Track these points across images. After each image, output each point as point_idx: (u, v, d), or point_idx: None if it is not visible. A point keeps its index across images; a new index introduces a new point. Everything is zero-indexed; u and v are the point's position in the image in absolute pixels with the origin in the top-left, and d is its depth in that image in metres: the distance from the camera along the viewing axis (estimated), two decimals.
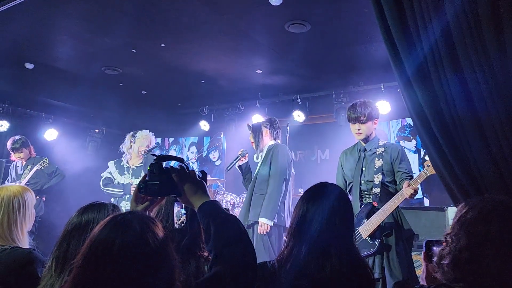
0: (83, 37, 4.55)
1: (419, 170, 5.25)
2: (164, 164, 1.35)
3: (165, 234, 1.13)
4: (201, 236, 1.64)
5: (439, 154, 1.62)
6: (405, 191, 2.79)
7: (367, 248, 2.90)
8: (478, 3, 1.47)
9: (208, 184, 1.63)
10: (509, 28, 1.42)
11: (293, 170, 4.82)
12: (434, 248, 1.32)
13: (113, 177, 4.61)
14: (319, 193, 1.61)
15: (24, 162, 5.53)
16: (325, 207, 1.55)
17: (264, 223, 3.60)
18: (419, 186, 2.82)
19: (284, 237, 4.30)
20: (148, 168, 1.32)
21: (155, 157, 1.34)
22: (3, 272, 1.71)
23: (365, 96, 5.80)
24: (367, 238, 2.91)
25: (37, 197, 5.49)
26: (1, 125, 6.13)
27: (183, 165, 1.35)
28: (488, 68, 1.46)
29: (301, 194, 1.69)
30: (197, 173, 1.38)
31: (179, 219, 1.39)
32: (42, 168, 5.37)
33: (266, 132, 4.04)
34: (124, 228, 1.07)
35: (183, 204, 1.38)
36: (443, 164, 1.63)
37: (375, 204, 2.96)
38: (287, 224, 3.72)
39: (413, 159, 5.51)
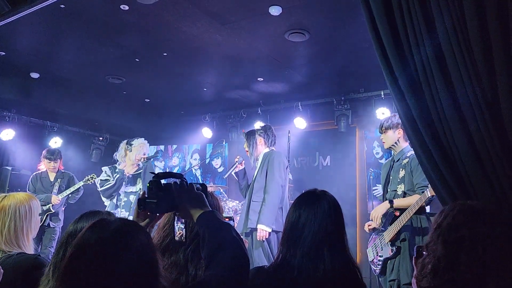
0: (87, 46, 4.64)
1: None
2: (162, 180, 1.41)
3: (148, 239, 1.16)
4: None
5: (429, 161, 1.69)
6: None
7: (387, 251, 3.12)
8: (467, 21, 1.53)
9: (211, 191, 1.69)
10: (497, 45, 1.49)
11: (290, 176, 4.86)
12: (424, 253, 1.35)
13: (110, 180, 4.62)
14: (310, 199, 1.67)
15: (54, 175, 5.57)
16: (317, 212, 1.61)
17: (262, 230, 3.66)
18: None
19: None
20: (148, 185, 1.38)
21: (153, 175, 1.39)
22: (10, 277, 1.76)
23: (365, 103, 5.89)
24: (388, 243, 3.12)
25: (64, 208, 5.58)
26: (7, 134, 6.22)
27: (182, 180, 1.41)
28: (477, 82, 1.53)
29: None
30: (196, 186, 1.43)
31: (179, 233, 1.45)
32: (90, 183, 5.46)
33: (260, 140, 4.09)
34: (100, 229, 1.11)
35: (183, 219, 1.43)
36: (432, 170, 1.69)
37: (396, 213, 3.11)
38: None
39: None
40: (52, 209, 5.30)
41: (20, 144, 6.61)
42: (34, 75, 5.47)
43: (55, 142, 6.74)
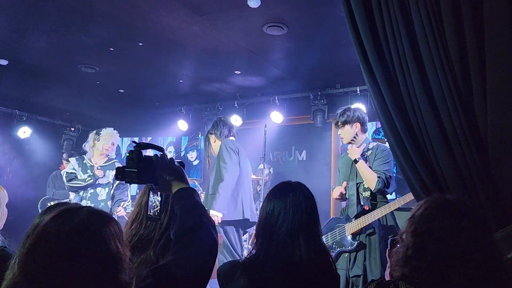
0: (58, 34, 4.49)
1: (394, 171, 5.39)
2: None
3: (115, 232, 1.11)
4: None
5: (403, 155, 1.73)
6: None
7: (347, 245, 3.04)
8: (443, 16, 1.57)
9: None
10: (471, 39, 1.53)
11: (267, 168, 4.83)
12: (398, 244, 1.37)
13: (76, 173, 4.49)
14: (284, 189, 1.71)
15: None
16: (291, 201, 1.64)
17: (213, 215, 3.60)
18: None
19: (251, 234, 4.34)
20: (127, 154, 1.32)
21: (135, 144, 1.34)
22: None
23: (341, 99, 5.94)
24: (349, 236, 3.04)
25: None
26: None
27: (162, 153, 1.38)
28: (450, 74, 1.57)
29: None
30: (176, 161, 1.41)
31: (154, 208, 1.41)
32: None
33: (213, 138, 4.10)
34: (65, 219, 1.07)
35: (159, 193, 1.39)
36: (407, 164, 1.73)
37: (366, 208, 3.04)
38: (245, 216, 3.78)
39: None
40: None
41: None
42: (2, 62, 5.27)
43: (24, 131, 6.52)
